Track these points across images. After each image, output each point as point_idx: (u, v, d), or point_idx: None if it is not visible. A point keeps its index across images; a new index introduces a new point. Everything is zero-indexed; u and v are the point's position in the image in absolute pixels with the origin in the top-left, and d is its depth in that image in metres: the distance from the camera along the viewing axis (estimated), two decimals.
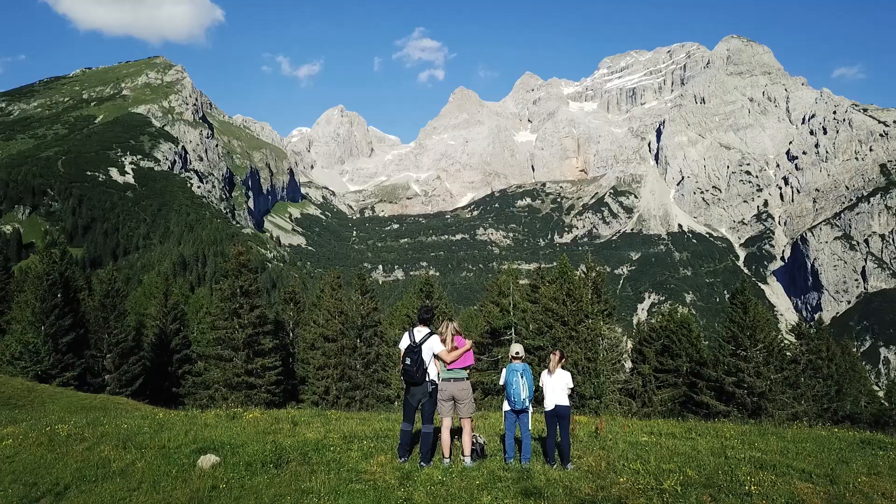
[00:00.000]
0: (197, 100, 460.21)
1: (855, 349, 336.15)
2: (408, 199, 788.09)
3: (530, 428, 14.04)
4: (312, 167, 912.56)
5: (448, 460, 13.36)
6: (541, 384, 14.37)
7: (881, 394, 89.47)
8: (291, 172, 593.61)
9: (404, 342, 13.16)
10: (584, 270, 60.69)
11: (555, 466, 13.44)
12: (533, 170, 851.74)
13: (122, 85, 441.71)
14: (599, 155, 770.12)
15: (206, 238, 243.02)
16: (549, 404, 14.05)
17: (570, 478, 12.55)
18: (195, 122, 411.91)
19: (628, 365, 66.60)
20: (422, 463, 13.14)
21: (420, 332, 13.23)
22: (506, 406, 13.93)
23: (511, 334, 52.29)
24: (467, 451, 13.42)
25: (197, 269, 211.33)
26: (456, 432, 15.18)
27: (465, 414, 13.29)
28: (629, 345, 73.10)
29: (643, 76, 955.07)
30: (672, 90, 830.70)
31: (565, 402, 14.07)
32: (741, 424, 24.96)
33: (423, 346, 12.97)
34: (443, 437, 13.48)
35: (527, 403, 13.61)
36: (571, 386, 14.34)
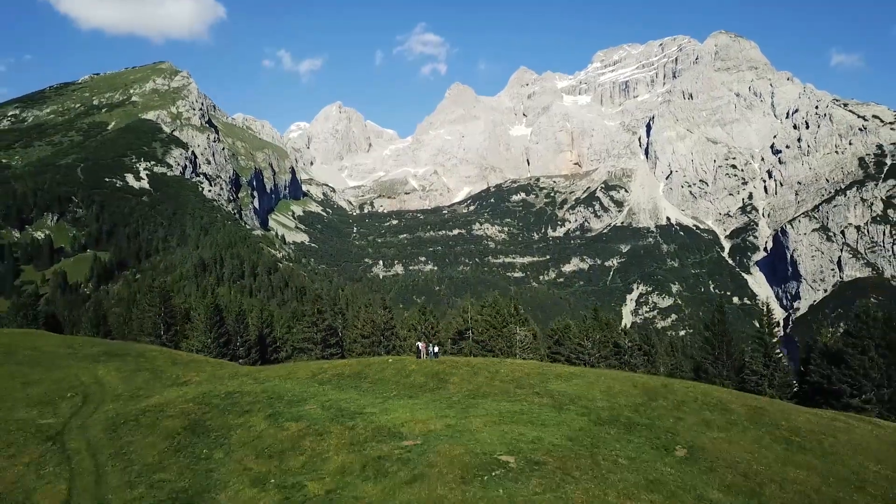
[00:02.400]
0: (203, 104, 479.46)
1: (829, 335, 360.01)
2: (406, 194, 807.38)
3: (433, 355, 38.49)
4: (312, 163, 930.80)
5: (423, 356, 40.06)
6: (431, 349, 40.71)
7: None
8: (293, 171, 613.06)
9: (417, 345, 41.22)
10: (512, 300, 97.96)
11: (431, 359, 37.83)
12: (528, 163, 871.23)
13: (131, 91, 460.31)
14: (593, 148, 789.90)
15: (221, 241, 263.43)
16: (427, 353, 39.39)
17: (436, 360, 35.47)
18: (202, 127, 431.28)
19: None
20: (424, 357, 41.59)
21: (420, 343, 41.12)
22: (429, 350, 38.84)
23: (469, 334, 79.68)
24: (430, 355, 39.99)
25: (216, 271, 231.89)
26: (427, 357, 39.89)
27: (431, 356, 39.68)
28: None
29: (636, 69, 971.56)
30: (664, 83, 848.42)
31: (435, 353, 39.40)
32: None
33: (420, 346, 40.52)
34: (422, 356, 40.89)
35: (435, 350, 38.87)
36: (437, 351, 44.05)
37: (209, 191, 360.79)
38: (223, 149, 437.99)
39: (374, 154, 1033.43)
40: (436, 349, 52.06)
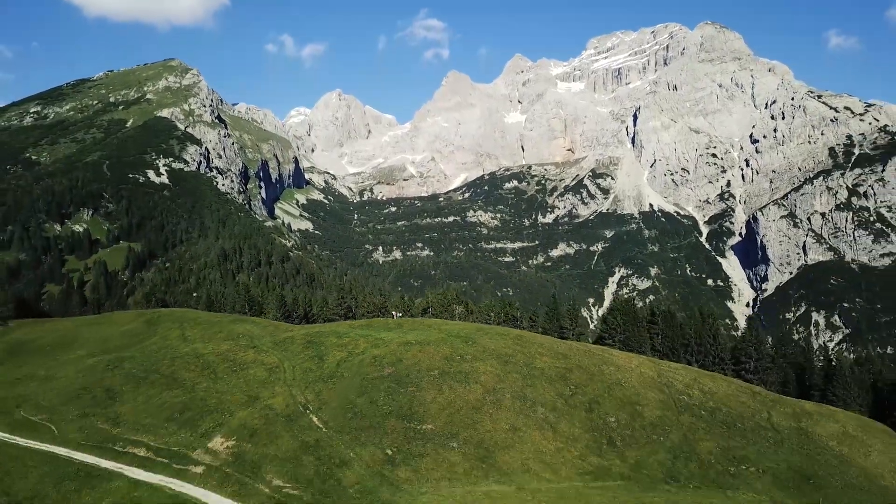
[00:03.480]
0: (212, 100, 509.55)
1: (791, 315, 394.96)
2: (404, 180, 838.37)
3: (399, 317, 76.16)
4: (313, 150, 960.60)
5: (395, 317, 73.05)
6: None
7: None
8: (296, 161, 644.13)
9: (392, 313, 76.20)
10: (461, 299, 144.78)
11: (398, 318, 74.65)
12: (523, 150, 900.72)
13: (145, 88, 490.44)
14: (585, 135, 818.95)
15: (238, 233, 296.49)
16: (396, 316, 76.98)
17: (400, 319, 73.12)
18: (213, 123, 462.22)
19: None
20: (396, 317, 74.61)
21: (395, 312, 75.60)
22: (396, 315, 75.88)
23: (430, 309, 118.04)
24: (397, 316, 74.81)
25: (236, 260, 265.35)
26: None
27: (397, 317, 74.85)
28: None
29: (628, 56, 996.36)
30: (655, 70, 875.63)
31: (400, 315, 76.93)
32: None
33: (394, 314, 73.60)
34: (395, 317, 74.45)
35: (400, 314, 76.28)
36: (401, 315, 76.83)
37: (222, 185, 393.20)
38: (232, 143, 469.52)
39: (373, 141, 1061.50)
40: (400, 314, 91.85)
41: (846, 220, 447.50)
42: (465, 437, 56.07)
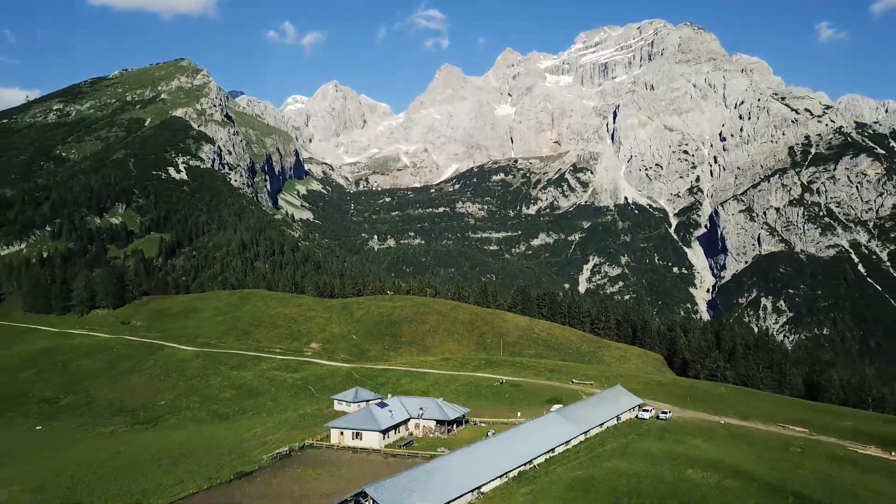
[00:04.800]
0: (221, 100, 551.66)
1: (744, 299, 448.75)
2: (398, 170, 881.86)
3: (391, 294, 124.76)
4: (311, 140, 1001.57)
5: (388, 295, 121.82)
6: None
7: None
8: (297, 153, 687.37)
9: (387, 292, 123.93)
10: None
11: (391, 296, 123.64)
12: (512, 142, 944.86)
13: (159, 88, 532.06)
14: (571, 128, 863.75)
15: (253, 226, 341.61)
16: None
17: (394, 297, 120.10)
18: (223, 122, 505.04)
19: None
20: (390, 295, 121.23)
21: (389, 292, 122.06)
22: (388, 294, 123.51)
23: (410, 292, 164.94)
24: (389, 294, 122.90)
25: (253, 249, 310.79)
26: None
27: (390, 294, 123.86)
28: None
29: (615, 51, 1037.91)
30: (640, 65, 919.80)
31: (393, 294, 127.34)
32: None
33: (388, 292, 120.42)
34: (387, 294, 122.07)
35: (392, 293, 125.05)
36: (392, 293, 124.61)
37: (235, 180, 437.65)
38: (241, 140, 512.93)
39: (368, 131, 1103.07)
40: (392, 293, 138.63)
41: (798, 215, 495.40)
42: (419, 344, 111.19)
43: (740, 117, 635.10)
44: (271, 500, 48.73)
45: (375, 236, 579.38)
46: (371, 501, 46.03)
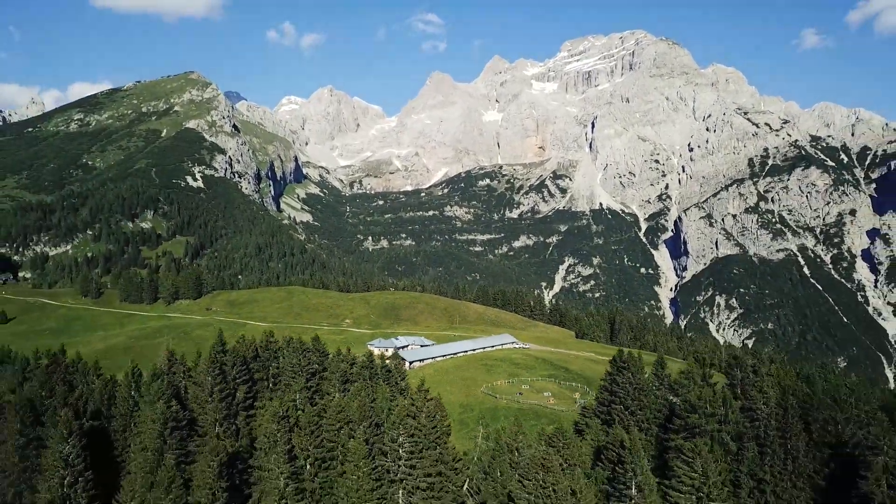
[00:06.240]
0: (229, 112, 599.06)
1: (701, 297, 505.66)
2: (390, 173, 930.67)
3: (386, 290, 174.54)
4: (307, 143, 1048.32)
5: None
6: None
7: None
8: (296, 159, 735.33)
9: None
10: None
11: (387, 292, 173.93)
12: (498, 147, 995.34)
13: (172, 100, 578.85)
14: (555, 134, 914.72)
15: (266, 230, 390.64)
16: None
17: (388, 292, 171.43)
18: (231, 133, 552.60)
19: None
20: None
21: (391, 288, 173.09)
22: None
23: (392, 289, 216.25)
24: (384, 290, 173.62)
25: (268, 251, 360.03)
26: None
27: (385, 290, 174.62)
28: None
29: (598, 60, 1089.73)
30: (622, 74, 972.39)
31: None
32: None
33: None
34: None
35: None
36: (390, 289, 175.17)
37: (245, 188, 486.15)
38: (248, 149, 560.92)
39: (361, 134, 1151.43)
40: (393, 289, 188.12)
41: (753, 221, 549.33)
42: (412, 321, 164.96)
43: (707, 129, 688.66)
44: None
45: (370, 237, 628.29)
46: (400, 356, 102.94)
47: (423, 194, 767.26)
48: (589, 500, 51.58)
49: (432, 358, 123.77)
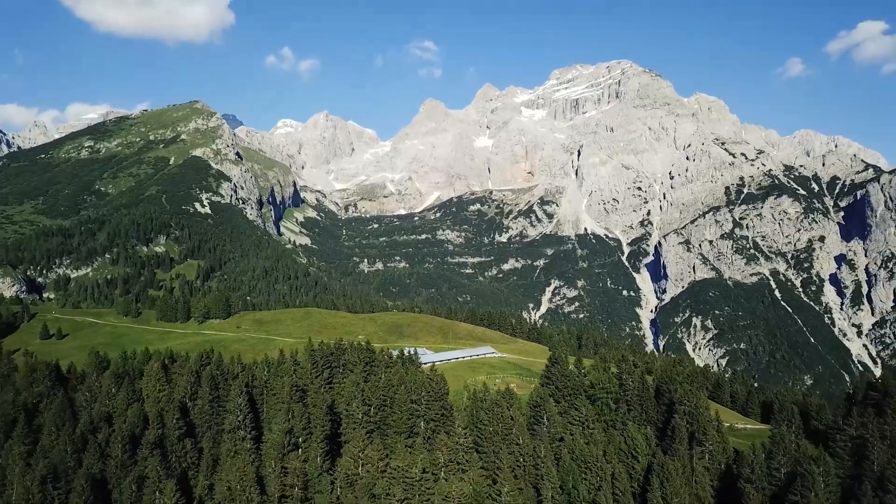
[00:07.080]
0: (233, 140, 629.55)
1: (679, 319, 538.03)
2: (384, 197, 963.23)
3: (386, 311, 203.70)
4: (303, 167, 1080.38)
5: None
6: None
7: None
8: (294, 184, 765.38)
9: (387, 304, 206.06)
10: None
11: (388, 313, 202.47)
12: (489, 172, 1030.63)
13: (178, 129, 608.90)
14: (543, 160, 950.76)
15: (271, 254, 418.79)
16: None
17: (390, 313, 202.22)
18: (235, 160, 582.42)
19: None
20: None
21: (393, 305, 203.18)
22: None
23: (392, 309, 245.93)
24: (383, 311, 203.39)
25: (274, 274, 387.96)
26: None
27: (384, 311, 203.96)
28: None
29: (586, 88, 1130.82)
30: (609, 102, 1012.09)
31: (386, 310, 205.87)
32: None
33: (388, 304, 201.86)
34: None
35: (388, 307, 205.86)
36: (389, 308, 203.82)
37: (249, 213, 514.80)
38: (251, 176, 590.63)
39: (356, 158, 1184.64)
40: (395, 311, 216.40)
41: (728, 247, 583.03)
42: (413, 337, 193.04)
43: (687, 158, 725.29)
44: None
45: (365, 260, 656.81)
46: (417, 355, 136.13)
47: (416, 218, 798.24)
48: (521, 423, 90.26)
49: (433, 362, 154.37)
